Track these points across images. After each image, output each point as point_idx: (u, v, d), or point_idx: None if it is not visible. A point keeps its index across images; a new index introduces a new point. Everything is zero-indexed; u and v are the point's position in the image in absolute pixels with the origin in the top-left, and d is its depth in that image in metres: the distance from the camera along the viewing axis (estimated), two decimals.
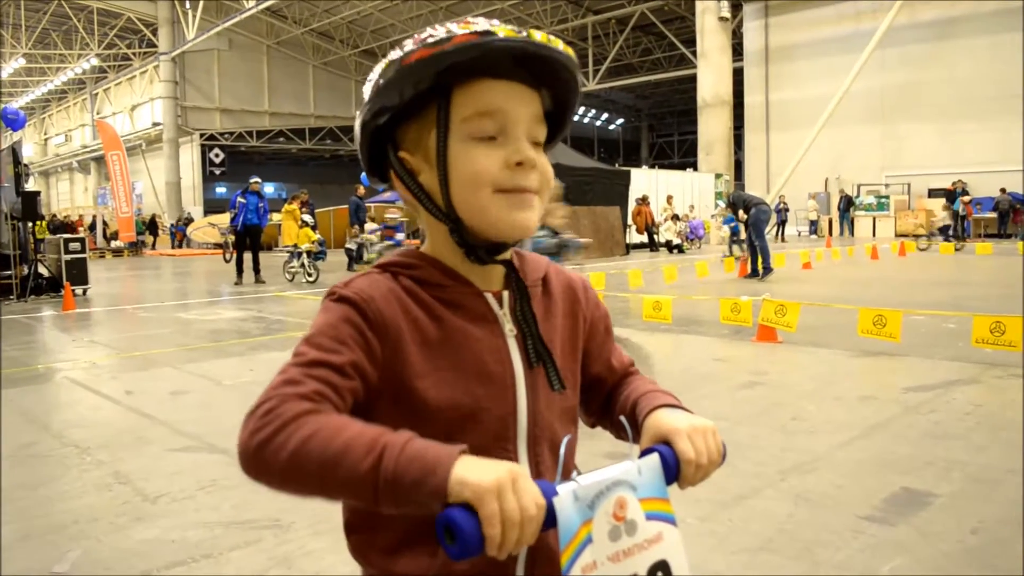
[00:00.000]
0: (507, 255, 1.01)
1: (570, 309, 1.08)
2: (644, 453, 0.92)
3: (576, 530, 0.80)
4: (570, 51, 0.96)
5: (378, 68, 0.96)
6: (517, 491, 0.76)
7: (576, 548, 0.79)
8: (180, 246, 35.69)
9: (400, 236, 16.26)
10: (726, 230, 18.03)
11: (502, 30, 0.91)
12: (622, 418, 1.01)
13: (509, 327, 0.99)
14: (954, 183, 24.42)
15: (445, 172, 0.95)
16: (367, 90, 0.97)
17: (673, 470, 0.91)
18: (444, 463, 0.76)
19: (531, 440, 0.98)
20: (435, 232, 1.00)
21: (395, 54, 0.94)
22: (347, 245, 18.00)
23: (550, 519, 0.79)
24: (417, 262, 0.99)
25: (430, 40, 0.91)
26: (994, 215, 25.03)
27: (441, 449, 0.78)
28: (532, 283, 1.04)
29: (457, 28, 0.92)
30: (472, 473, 0.76)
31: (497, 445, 0.95)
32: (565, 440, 0.95)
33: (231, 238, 17.37)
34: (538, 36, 0.93)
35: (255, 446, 0.81)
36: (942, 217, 21.88)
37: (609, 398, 1.12)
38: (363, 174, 1.12)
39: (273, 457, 0.80)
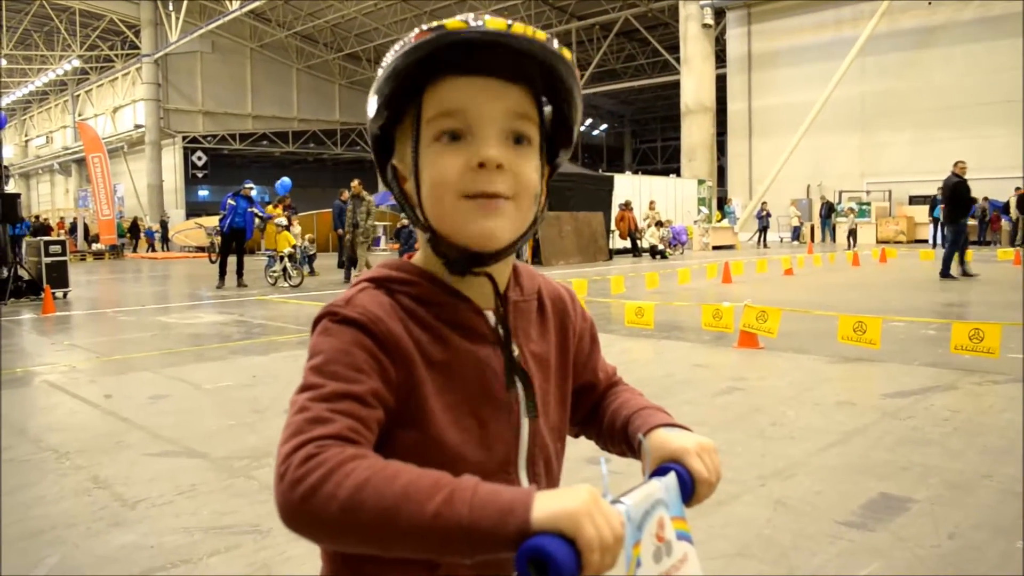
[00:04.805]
0: (496, 268, 0.93)
1: (561, 323, 1.04)
2: (656, 472, 0.89)
3: (631, 554, 0.74)
4: (541, 36, 0.86)
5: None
6: (602, 512, 0.70)
7: (632, 573, 0.74)
8: (159, 249, 35.46)
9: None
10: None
11: (454, 23, 0.85)
12: (640, 438, 0.97)
13: (513, 347, 0.94)
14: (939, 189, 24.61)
15: (417, 178, 0.90)
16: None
17: (689, 489, 0.90)
18: (522, 499, 0.71)
19: (530, 461, 0.95)
20: (424, 242, 0.94)
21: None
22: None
23: None
24: (414, 278, 0.92)
25: (400, 47, 0.88)
26: (974, 222, 25.23)
27: (513, 489, 0.73)
28: (527, 297, 1.00)
29: (421, 28, 0.87)
30: (557, 503, 0.70)
31: (501, 470, 0.92)
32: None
33: (217, 239, 17.29)
34: (502, 25, 0.85)
35: (299, 498, 0.73)
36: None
37: (595, 409, 1.09)
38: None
39: (322, 508, 0.72)
